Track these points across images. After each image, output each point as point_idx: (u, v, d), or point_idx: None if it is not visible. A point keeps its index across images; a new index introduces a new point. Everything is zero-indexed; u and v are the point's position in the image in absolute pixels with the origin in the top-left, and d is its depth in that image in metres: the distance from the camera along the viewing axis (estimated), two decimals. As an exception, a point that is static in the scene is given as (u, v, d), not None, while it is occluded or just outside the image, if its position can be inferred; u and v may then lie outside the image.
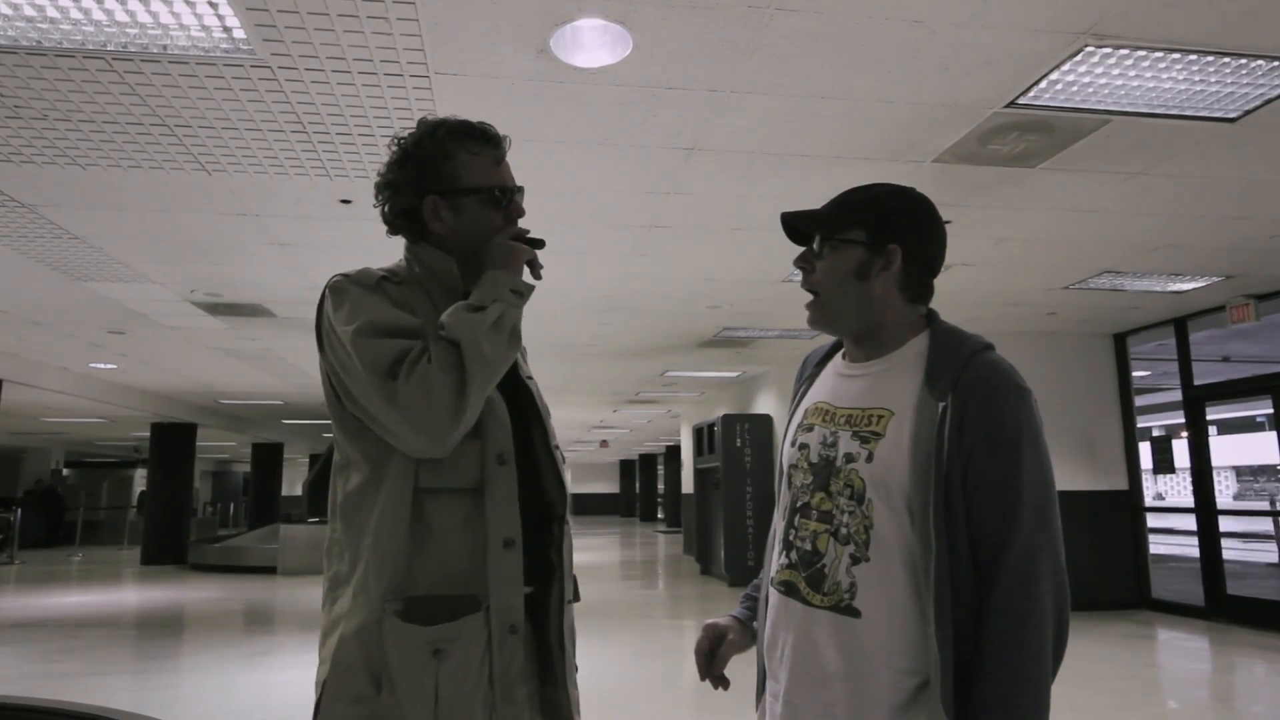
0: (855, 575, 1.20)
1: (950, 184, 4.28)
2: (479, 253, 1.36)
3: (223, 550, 13.78)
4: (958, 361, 1.20)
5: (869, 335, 1.31)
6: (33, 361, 9.46)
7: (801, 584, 1.26)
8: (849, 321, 1.31)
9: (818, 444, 1.31)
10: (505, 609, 1.24)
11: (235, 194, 4.33)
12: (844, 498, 1.23)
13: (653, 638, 6.93)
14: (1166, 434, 14.10)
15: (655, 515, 29.36)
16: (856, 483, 1.22)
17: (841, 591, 1.21)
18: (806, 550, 1.26)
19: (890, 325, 1.30)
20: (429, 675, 1.18)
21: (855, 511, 1.22)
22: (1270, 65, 3.10)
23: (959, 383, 1.18)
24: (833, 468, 1.26)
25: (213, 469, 33.19)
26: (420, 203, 1.35)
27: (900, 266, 1.27)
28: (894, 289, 1.28)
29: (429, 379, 1.17)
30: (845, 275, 1.28)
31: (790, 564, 1.29)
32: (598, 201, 4.52)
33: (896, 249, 1.27)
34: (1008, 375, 1.19)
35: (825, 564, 1.23)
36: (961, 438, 1.16)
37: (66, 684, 5.32)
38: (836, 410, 1.31)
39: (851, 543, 1.21)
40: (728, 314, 7.41)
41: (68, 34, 2.81)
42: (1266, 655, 5.88)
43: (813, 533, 1.26)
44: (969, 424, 1.16)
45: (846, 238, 1.29)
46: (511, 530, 1.26)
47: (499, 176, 1.38)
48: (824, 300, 1.32)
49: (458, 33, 2.86)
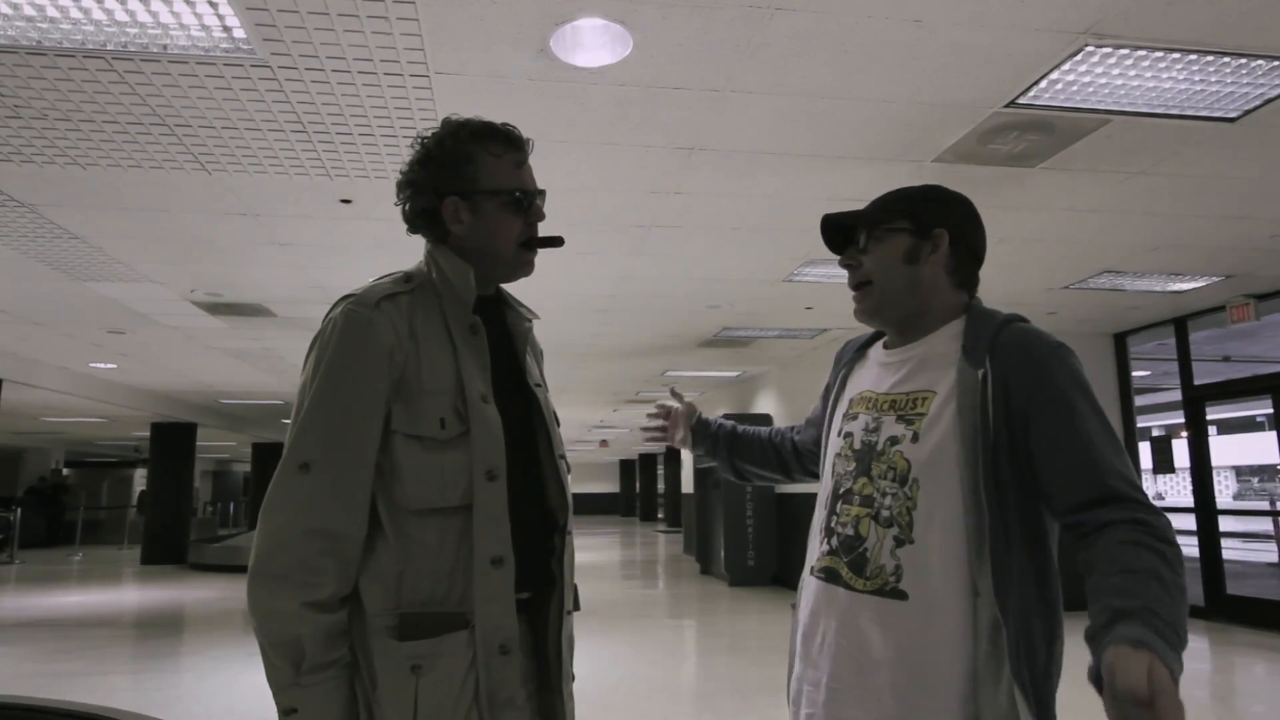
0: (900, 558, 1.19)
1: (950, 184, 4.23)
2: (496, 257, 1.36)
3: (223, 550, 13.78)
4: (990, 330, 1.23)
5: (914, 321, 1.33)
6: (33, 361, 9.46)
7: (844, 570, 1.25)
8: (899, 307, 1.32)
9: (861, 431, 1.31)
10: (493, 629, 1.22)
11: (235, 194, 4.33)
12: (886, 480, 1.23)
13: (653, 637, 6.93)
14: (1166, 434, 14.11)
15: (655, 515, 29.34)
16: (900, 464, 1.22)
17: (886, 575, 1.20)
18: (849, 535, 1.26)
19: (935, 311, 1.31)
20: (408, 690, 1.18)
21: (898, 494, 1.21)
22: (1270, 65, 3.10)
23: (995, 348, 1.20)
24: (874, 452, 1.27)
25: (213, 469, 33.18)
26: (440, 203, 1.34)
27: (948, 250, 1.31)
28: (942, 273, 1.31)
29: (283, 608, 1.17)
30: (895, 260, 1.31)
31: (832, 550, 1.28)
32: (598, 201, 4.52)
33: (943, 232, 1.31)
34: (1041, 335, 1.21)
35: (867, 548, 1.23)
36: (1010, 401, 1.16)
37: (66, 683, 5.32)
38: (880, 397, 1.32)
39: (895, 525, 1.21)
40: (728, 314, 7.42)
41: (68, 33, 2.81)
42: (1266, 655, 5.88)
43: (854, 517, 1.26)
44: (1015, 387, 1.16)
45: (892, 227, 1.32)
46: (500, 548, 1.24)
47: (520, 180, 1.37)
48: (876, 287, 1.33)
49: (458, 32, 2.87)
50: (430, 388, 1.25)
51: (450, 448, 1.24)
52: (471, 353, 1.31)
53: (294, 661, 1.16)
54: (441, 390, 1.26)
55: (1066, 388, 1.16)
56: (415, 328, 1.28)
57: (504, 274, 1.40)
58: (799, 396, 9.93)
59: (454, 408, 1.25)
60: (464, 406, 1.26)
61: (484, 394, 1.29)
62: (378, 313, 1.26)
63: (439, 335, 1.30)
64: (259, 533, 1.20)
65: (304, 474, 1.19)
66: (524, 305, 1.47)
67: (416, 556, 1.22)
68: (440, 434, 1.24)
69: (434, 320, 1.31)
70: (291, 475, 1.20)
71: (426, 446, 1.23)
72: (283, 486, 1.20)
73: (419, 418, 1.24)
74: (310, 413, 1.22)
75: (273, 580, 1.17)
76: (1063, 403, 1.15)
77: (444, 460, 1.23)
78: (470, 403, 1.26)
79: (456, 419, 1.25)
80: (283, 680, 1.16)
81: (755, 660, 5.92)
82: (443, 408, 1.25)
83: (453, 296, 1.33)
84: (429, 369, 1.26)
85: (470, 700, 1.20)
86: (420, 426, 1.23)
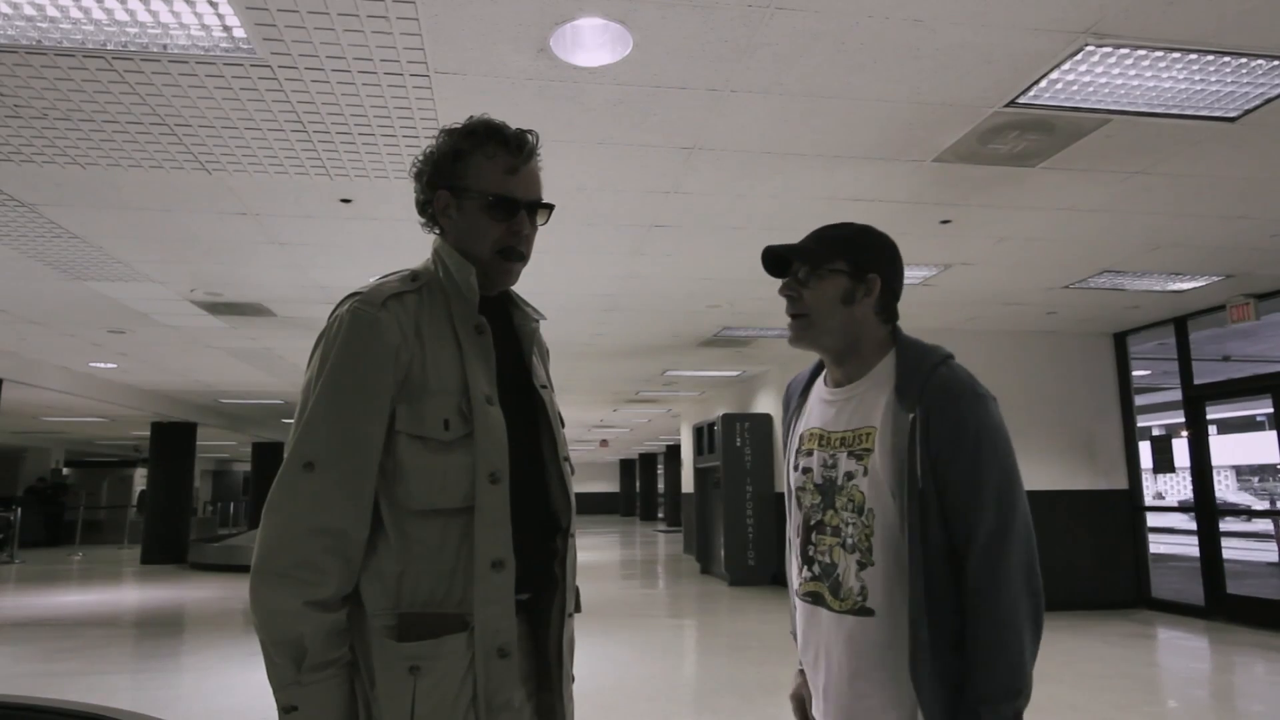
0: (864, 579, 1.37)
1: (950, 183, 4.28)
2: (476, 260, 1.35)
3: (223, 549, 13.78)
4: (921, 375, 1.36)
5: (848, 353, 1.47)
6: (33, 360, 9.46)
7: (826, 593, 1.43)
8: (833, 340, 1.46)
9: (819, 467, 1.47)
10: (491, 631, 1.22)
11: (235, 193, 4.33)
12: (848, 511, 1.40)
13: (653, 637, 6.93)
14: (1166, 433, 14.11)
15: (655, 514, 29.36)
16: (858, 496, 1.39)
17: (855, 595, 1.37)
18: (826, 563, 1.43)
19: (865, 343, 1.46)
20: (405, 691, 1.18)
21: (857, 523, 1.38)
22: (1270, 64, 3.10)
23: (924, 394, 1.34)
24: (835, 486, 1.43)
25: (213, 468, 33.19)
26: (433, 196, 1.36)
27: (878, 293, 1.45)
28: (871, 312, 1.45)
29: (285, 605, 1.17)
30: (833, 300, 1.44)
31: (815, 576, 1.46)
32: (598, 201, 4.52)
33: (876, 278, 1.44)
34: (966, 384, 1.34)
35: (840, 573, 1.40)
36: (929, 442, 1.31)
37: (66, 683, 5.32)
38: (831, 434, 1.47)
39: (857, 550, 1.38)
40: (727, 313, 7.42)
41: (67, 33, 2.81)
42: (1266, 654, 5.88)
43: (829, 546, 1.43)
44: (933, 429, 1.31)
45: (832, 267, 1.45)
46: (502, 551, 1.24)
47: (505, 185, 1.33)
48: (812, 321, 1.46)
49: (458, 32, 2.86)
50: (435, 388, 1.25)
51: (453, 449, 1.24)
52: (477, 353, 1.30)
53: (295, 660, 1.16)
54: (446, 391, 1.25)
55: (976, 433, 1.30)
56: (421, 327, 1.28)
57: (484, 279, 1.37)
58: (799, 396, 9.91)
59: (458, 409, 1.25)
60: (468, 408, 1.25)
61: (489, 395, 1.28)
62: (384, 312, 1.25)
63: (445, 335, 1.29)
64: (262, 531, 1.20)
65: (308, 472, 1.19)
66: (530, 305, 1.47)
67: (417, 557, 1.22)
68: (444, 435, 1.23)
69: (440, 320, 1.30)
70: (295, 473, 1.20)
71: (430, 447, 1.23)
72: (286, 485, 1.20)
73: (423, 418, 1.23)
74: (315, 411, 1.22)
75: (275, 578, 1.17)
76: (971, 446, 1.30)
77: (447, 462, 1.23)
78: (475, 404, 1.26)
79: (460, 420, 1.25)
80: (284, 678, 1.16)
81: (755, 660, 5.92)
82: (447, 408, 1.25)
83: (459, 296, 1.33)
84: (434, 369, 1.26)
85: (468, 702, 1.21)
86: (424, 427, 1.23)
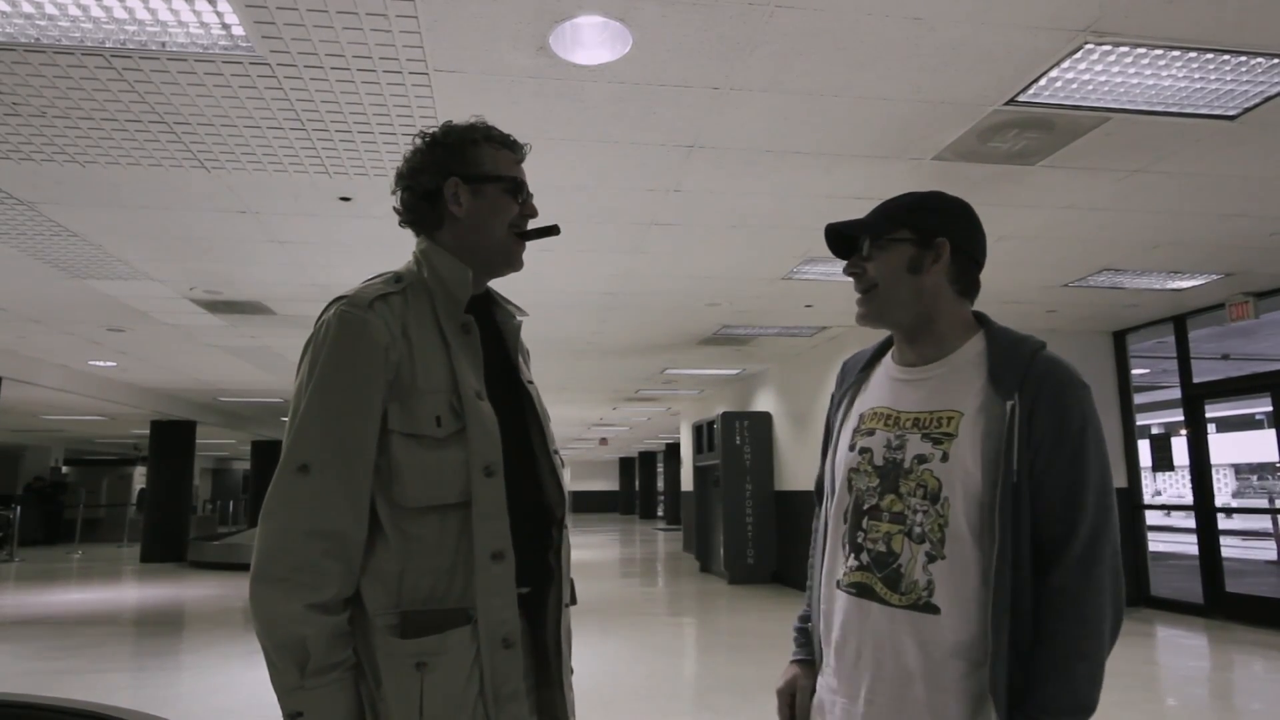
0: (932, 573, 1.24)
1: (950, 182, 4.27)
2: (489, 244, 1.38)
3: (222, 548, 13.80)
4: (1021, 360, 1.26)
5: (921, 330, 1.36)
6: (32, 359, 9.46)
7: (878, 585, 1.28)
8: (903, 314, 1.35)
9: (882, 447, 1.33)
10: (495, 623, 1.23)
11: (234, 191, 4.33)
12: (916, 498, 1.27)
13: (652, 635, 6.94)
14: (1165, 432, 14.11)
15: (655, 513, 29.37)
16: (930, 482, 1.26)
17: (919, 590, 1.24)
18: (880, 551, 1.29)
19: (942, 319, 1.35)
20: (413, 688, 1.18)
21: (929, 510, 1.25)
22: (1270, 63, 3.10)
23: (1027, 380, 1.23)
24: (901, 469, 1.29)
25: (212, 466, 33.19)
26: (443, 183, 1.36)
27: (949, 259, 1.34)
28: (944, 281, 1.34)
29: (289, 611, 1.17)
30: (899, 269, 1.34)
31: (863, 566, 1.31)
32: (597, 199, 4.52)
33: (945, 242, 1.33)
34: (1072, 372, 1.26)
35: (901, 564, 1.26)
36: (1031, 432, 1.21)
37: (66, 681, 5.33)
38: (902, 414, 1.34)
39: (927, 541, 1.25)
40: (727, 311, 7.41)
41: (66, 31, 2.80)
42: (1265, 653, 5.89)
43: (885, 534, 1.29)
44: (1037, 419, 1.21)
45: (895, 237, 1.35)
46: (500, 543, 1.25)
47: (519, 172, 1.43)
48: (880, 294, 1.36)
49: (457, 30, 2.86)
50: (425, 386, 1.26)
51: (447, 445, 1.25)
52: (465, 351, 1.32)
53: (299, 664, 1.16)
54: (436, 389, 1.27)
55: (1082, 428, 1.22)
56: (408, 327, 1.29)
57: (495, 264, 1.41)
58: (798, 394, 9.93)
59: (449, 405, 1.26)
60: (459, 404, 1.27)
61: (479, 391, 1.30)
62: (371, 313, 1.26)
63: (431, 334, 1.31)
64: (260, 536, 1.20)
65: (303, 476, 1.19)
66: (511, 302, 1.48)
67: (416, 554, 1.22)
68: (436, 432, 1.24)
69: (426, 320, 1.32)
70: (291, 477, 1.20)
71: (424, 445, 1.24)
72: (282, 489, 1.20)
73: (415, 416, 1.24)
74: (308, 414, 1.22)
75: (276, 583, 1.17)
76: (1076, 440, 1.22)
77: (441, 458, 1.24)
78: (465, 400, 1.27)
79: (452, 416, 1.26)
80: (288, 683, 1.16)
81: (754, 658, 5.92)
82: (438, 406, 1.26)
83: (445, 295, 1.34)
84: (423, 368, 1.27)
85: (476, 694, 1.21)
86: (416, 425, 1.24)
